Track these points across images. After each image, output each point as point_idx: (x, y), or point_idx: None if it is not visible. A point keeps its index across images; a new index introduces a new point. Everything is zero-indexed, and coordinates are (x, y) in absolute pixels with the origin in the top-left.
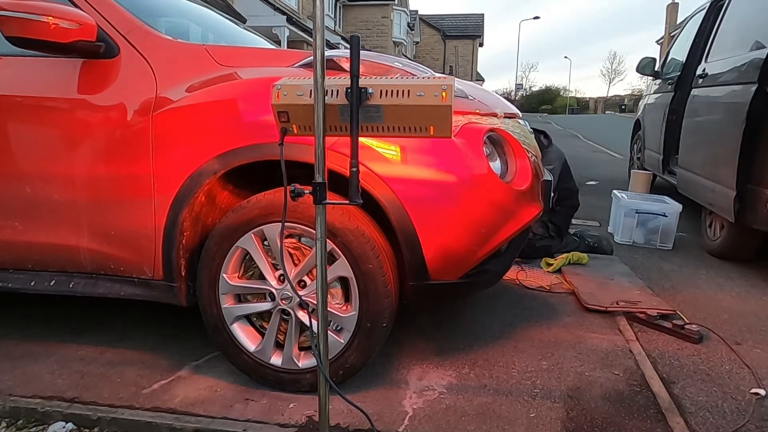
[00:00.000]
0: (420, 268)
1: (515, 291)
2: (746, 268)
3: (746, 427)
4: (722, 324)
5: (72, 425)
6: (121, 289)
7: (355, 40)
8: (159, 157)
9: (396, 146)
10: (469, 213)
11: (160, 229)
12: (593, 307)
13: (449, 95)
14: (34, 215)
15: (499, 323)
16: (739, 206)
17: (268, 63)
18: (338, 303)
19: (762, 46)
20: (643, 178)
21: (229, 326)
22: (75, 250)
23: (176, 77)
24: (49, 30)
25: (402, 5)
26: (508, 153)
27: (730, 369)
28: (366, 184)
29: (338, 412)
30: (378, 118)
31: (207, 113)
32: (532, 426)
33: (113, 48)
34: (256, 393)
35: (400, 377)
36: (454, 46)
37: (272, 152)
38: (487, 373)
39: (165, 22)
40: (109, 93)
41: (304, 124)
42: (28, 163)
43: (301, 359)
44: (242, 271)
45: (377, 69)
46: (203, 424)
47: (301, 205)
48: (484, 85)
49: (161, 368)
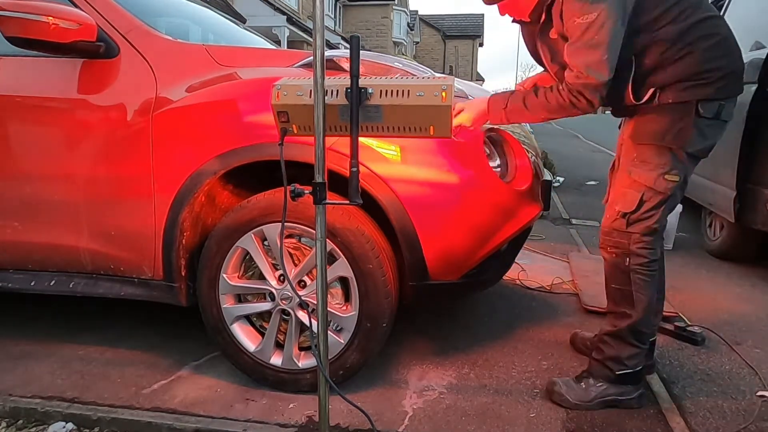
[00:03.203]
0: (420, 268)
1: (515, 291)
2: (746, 268)
3: (748, 428)
4: (722, 324)
5: (72, 425)
6: (121, 289)
7: (355, 40)
8: (159, 157)
9: (396, 146)
10: (470, 213)
11: (160, 229)
12: (592, 308)
13: (449, 95)
14: (34, 215)
15: (499, 323)
16: (739, 206)
17: (268, 63)
18: (338, 303)
19: (762, 46)
20: None
21: (229, 326)
22: (75, 250)
23: (176, 77)
24: (49, 30)
25: (402, 5)
26: (508, 153)
27: (731, 369)
28: (366, 185)
29: (338, 412)
30: (378, 118)
31: (207, 113)
32: (532, 426)
33: (113, 48)
34: (256, 393)
35: (400, 377)
36: (454, 46)
37: (272, 152)
38: (487, 373)
39: (165, 22)
40: (109, 93)
41: (304, 124)
42: (28, 163)
43: (301, 359)
44: (242, 271)
45: (377, 69)
46: (203, 424)
47: (301, 205)
48: (484, 85)
49: (161, 368)
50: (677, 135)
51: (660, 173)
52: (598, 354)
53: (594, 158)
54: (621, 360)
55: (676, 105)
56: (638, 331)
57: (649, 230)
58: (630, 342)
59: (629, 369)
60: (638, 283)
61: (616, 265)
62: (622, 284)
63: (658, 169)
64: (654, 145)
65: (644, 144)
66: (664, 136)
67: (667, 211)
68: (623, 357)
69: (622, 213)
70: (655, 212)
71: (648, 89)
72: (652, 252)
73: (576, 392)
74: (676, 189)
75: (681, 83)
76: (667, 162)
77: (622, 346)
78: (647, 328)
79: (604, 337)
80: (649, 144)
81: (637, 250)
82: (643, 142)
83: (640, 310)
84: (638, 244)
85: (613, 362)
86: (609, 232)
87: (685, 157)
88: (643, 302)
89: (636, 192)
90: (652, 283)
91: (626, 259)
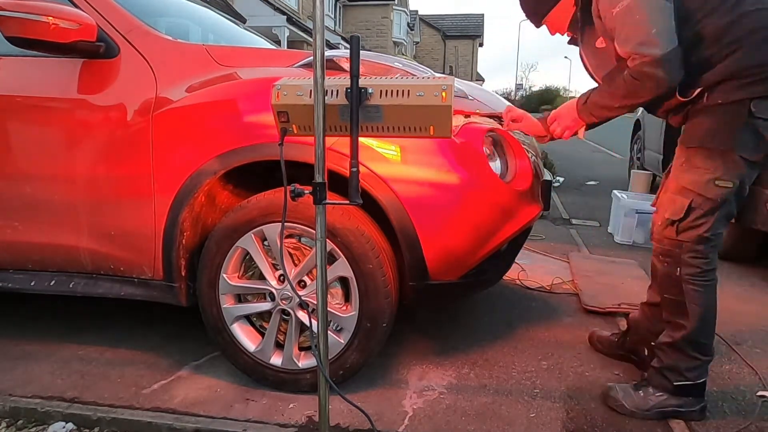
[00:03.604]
0: (420, 268)
1: (515, 291)
2: (746, 268)
3: (748, 428)
4: (722, 324)
5: (72, 425)
6: (121, 289)
7: (355, 40)
8: (159, 157)
9: (396, 146)
10: (470, 213)
11: (160, 229)
12: (591, 308)
13: (449, 95)
14: (35, 215)
15: (499, 323)
16: (740, 206)
17: (268, 63)
18: (338, 303)
19: None
20: (643, 178)
21: (229, 326)
22: (75, 250)
23: (176, 77)
24: (49, 30)
25: (402, 5)
26: (508, 153)
27: (730, 369)
28: (366, 185)
29: (338, 412)
30: (378, 118)
31: (207, 113)
32: (532, 426)
33: (113, 48)
34: (256, 393)
35: (400, 377)
36: (454, 46)
37: (272, 152)
38: (487, 373)
39: (165, 22)
40: (109, 93)
41: (304, 124)
42: (28, 163)
43: (301, 359)
44: (242, 271)
45: (377, 69)
46: (203, 424)
47: (301, 205)
48: (484, 85)
49: (161, 368)
50: (728, 137)
51: (710, 179)
52: (657, 362)
53: (594, 158)
54: (680, 371)
55: (727, 105)
56: (696, 342)
57: (701, 239)
58: (688, 353)
59: (689, 381)
60: (691, 294)
61: (668, 275)
62: (675, 294)
63: (707, 174)
64: (703, 148)
65: (693, 147)
66: (714, 138)
67: (723, 219)
68: (682, 368)
69: (671, 220)
70: (706, 220)
71: (695, 88)
72: (706, 262)
73: (633, 399)
74: (729, 196)
75: (730, 82)
76: (717, 167)
77: (679, 356)
78: (706, 338)
79: (662, 346)
80: (698, 147)
81: (689, 259)
82: (692, 145)
83: (695, 321)
84: (690, 253)
85: (671, 372)
86: (660, 239)
87: (740, 162)
88: (697, 313)
89: (684, 198)
90: (706, 294)
91: (677, 268)
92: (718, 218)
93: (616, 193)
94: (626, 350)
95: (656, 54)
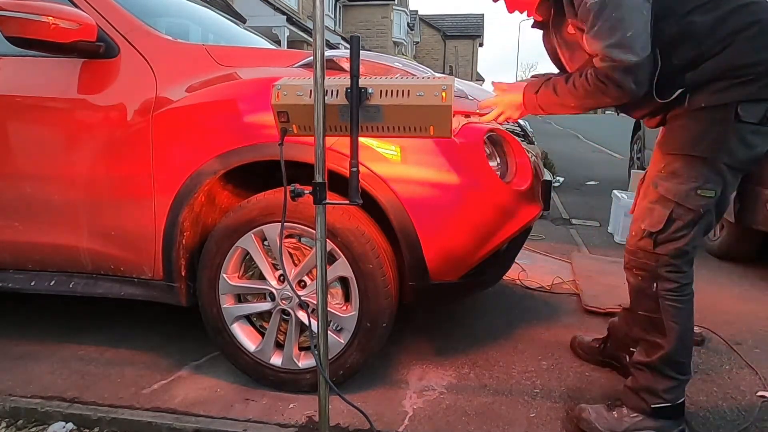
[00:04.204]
0: (420, 268)
1: (515, 291)
2: (746, 268)
3: (748, 428)
4: (722, 324)
5: (72, 425)
6: (121, 289)
7: (355, 40)
8: (159, 157)
9: (396, 146)
10: (470, 213)
11: (160, 229)
12: (591, 308)
13: (449, 95)
14: (35, 215)
15: (499, 323)
16: (739, 206)
17: (268, 63)
18: (338, 303)
19: None
20: None
21: (229, 326)
22: (75, 250)
23: (176, 77)
24: (49, 30)
25: (402, 5)
26: (508, 153)
27: (730, 369)
28: (366, 185)
29: (338, 412)
30: (378, 118)
31: (207, 113)
32: (532, 426)
33: (113, 48)
34: (256, 393)
35: (400, 377)
36: (454, 46)
37: (272, 152)
38: (487, 373)
39: (165, 22)
40: (109, 93)
41: (304, 124)
42: (28, 163)
43: (301, 359)
44: (242, 271)
45: (377, 69)
46: (203, 424)
47: (300, 205)
48: (484, 85)
49: (161, 368)
50: (712, 144)
51: (692, 187)
52: (631, 382)
53: (594, 158)
54: (657, 392)
55: (711, 109)
56: (675, 362)
57: (680, 252)
58: (665, 374)
59: (667, 403)
60: (668, 310)
61: (641, 290)
62: (650, 311)
63: (689, 182)
64: (685, 155)
65: (674, 154)
66: (697, 145)
67: (702, 231)
68: (659, 389)
69: (648, 232)
70: (686, 232)
71: (675, 89)
72: (683, 275)
73: (607, 421)
74: (711, 206)
75: (718, 82)
76: (700, 175)
77: (656, 378)
78: (684, 357)
79: (637, 365)
80: (679, 154)
81: (666, 274)
82: (672, 152)
83: (673, 339)
84: (667, 267)
85: (647, 394)
86: (634, 251)
87: (724, 170)
88: (675, 331)
89: (664, 209)
90: (684, 310)
91: (653, 283)
92: (698, 230)
93: (616, 193)
94: (607, 356)
95: (629, 60)
